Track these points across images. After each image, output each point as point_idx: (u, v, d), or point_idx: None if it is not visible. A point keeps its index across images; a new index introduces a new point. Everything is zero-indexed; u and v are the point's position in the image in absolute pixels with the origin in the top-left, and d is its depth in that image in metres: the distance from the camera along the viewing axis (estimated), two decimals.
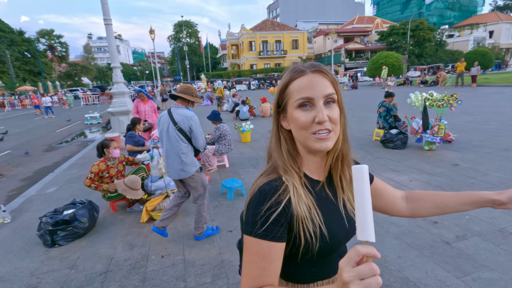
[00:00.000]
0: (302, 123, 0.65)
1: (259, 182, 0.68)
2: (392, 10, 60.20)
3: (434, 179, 3.85)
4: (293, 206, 0.64)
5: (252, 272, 0.64)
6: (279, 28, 46.16)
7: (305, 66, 0.67)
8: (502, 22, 46.09)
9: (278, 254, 0.64)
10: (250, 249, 0.65)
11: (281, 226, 0.64)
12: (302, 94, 0.64)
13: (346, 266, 0.47)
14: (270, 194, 0.64)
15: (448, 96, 4.84)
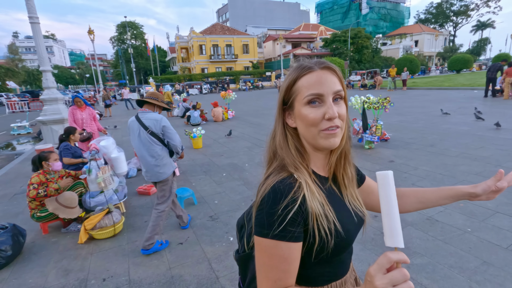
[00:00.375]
0: (311, 119, 0.64)
1: (270, 181, 0.65)
2: (334, 18, 64.83)
3: (373, 176, 4.17)
4: (308, 203, 0.62)
5: (273, 275, 0.62)
6: (229, 32, 46.39)
7: (313, 63, 0.66)
8: (424, 33, 52.76)
9: (297, 255, 0.63)
10: (268, 252, 0.61)
11: (298, 225, 0.61)
12: (311, 90, 0.64)
13: (378, 274, 0.47)
14: (286, 192, 0.62)
15: (382, 99, 5.34)
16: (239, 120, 10.58)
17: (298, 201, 0.61)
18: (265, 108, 13.99)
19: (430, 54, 53.18)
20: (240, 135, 7.78)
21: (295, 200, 0.61)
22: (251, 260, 0.80)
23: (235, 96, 11.65)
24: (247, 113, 12.48)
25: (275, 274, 0.62)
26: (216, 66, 45.24)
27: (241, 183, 4.25)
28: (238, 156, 5.76)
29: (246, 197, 3.74)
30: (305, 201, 0.62)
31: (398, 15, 63.69)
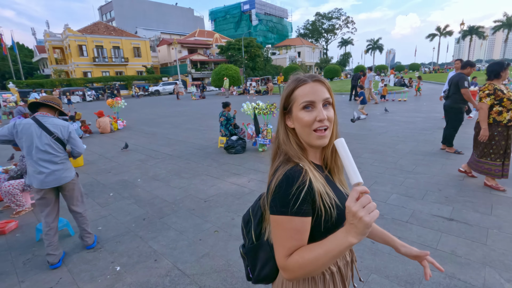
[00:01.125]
0: (306, 121, 0.81)
1: (281, 171, 0.80)
2: (228, 27, 67.51)
3: (266, 176, 4.46)
4: (313, 184, 0.77)
5: (288, 244, 0.76)
6: (116, 33, 42.01)
7: (307, 77, 0.84)
8: (304, 46, 61.07)
9: (307, 227, 0.78)
10: (284, 226, 0.76)
11: (308, 202, 0.76)
12: (305, 98, 0.81)
13: (351, 202, 0.65)
14: (297, 177, 0.77)
15: (269, 105, 5.83)
16: (132, 131, 9.64)
17: (307, 183, 0.76)
18: (162, 116, 13.25)
19: (310, 64, 61.82)
20: (133, 147, 7.08)
21: (304, 182, 0.76)
22: (260, 250, 0.97)
23: (125, 104, 10.57)
24: (141, 122, 11.51)
25: (290, 243, 0.76)
26: (102, 70, 40.15)
27: (131, 202, 3.84)
28: (129, 171, 5.21)
29: (137, 217, 3.40)
30: (311, 183, 0.77)
31: (283, 29, 71.60)
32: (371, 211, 0.63)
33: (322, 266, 0.72)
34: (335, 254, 0.69)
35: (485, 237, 2.59)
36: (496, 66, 3.47)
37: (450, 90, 5.10)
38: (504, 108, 3.37)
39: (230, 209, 3.46)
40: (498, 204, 3.18)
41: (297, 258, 0.74)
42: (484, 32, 62.41)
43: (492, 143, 3.49)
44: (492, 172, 3.53)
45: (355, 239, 0.65)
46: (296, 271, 0.74)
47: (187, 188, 4.22)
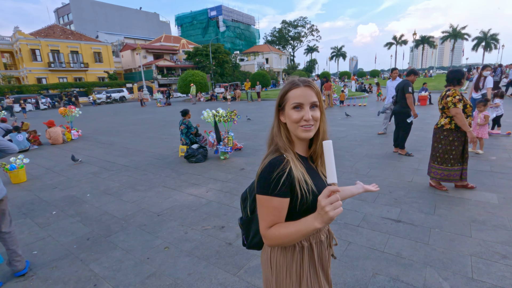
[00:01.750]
0: (295, 119, 0.95)
1: (268, 158, 0.97)
2: (195, 33, 66.79)
3: (226, 186, 4.41)
4: (293, 172, 0.93)
5: (268, 218, 0.94)
6: (74, 37, 39.74)
7: (300, 81, 0.98)
8: (272, 52, 62.23)
9: (285, 206, 0.94)
10: (266, 204, 0.93)
11: (286, 187, 0.92)
12: (296, 100, 0.95)
13: (322, 198, 0.81)
14: (278, 164, 0.93)
15: (230, 112, 5.77)
16: (87, 141, 9.04)
17: (286, 171, 0.92)
18: (122, 124, 12.62)
19: (278, 70, 63.07)
20: (86, 159, 6.61)
21: (284, 170, 0.92)
22: (252, 222, 1.19)
23: (79, 112, 9.91)
24: (99, 131, 10.86)
25: (269, 217, 0.94)
26: (59, 76, 37.65)
27: (76, 220, 3.53)
28: (78, 185, 4.82)
29: (81, 237, 3.12)
30: (291, 171, 0.93)
31: (250, 35, 72.44)
32: (336, 208, 0.79)
33: (293, 240, 0.91)
34: (303, 233, 0.88)
35: (428, 236, 2.72)
36: (457, 74, 3.52)
37: (398, 96, 5.41)
38: (465, 114, 3.45)
39: (184, 222, 3.31)
40: (441, 204, 3.38)
41: (274, 231, 0.92)
42: (434, 41, 68.15)
43: (452, 149, 3.55)
44: (451, 177, 3.60)
45: (319, 225, 0.83)
46: (272, 240, 0.93)
47: (141, 201, 3.99)
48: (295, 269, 1.05)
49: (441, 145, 3.63)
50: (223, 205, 3.72)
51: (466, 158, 3.60)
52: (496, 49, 62.95)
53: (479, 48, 63.40)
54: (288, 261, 1.05)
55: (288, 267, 1.05)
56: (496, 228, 2.79)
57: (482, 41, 62.39)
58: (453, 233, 2.75)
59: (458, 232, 2.76)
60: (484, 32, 62.04)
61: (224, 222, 3.24)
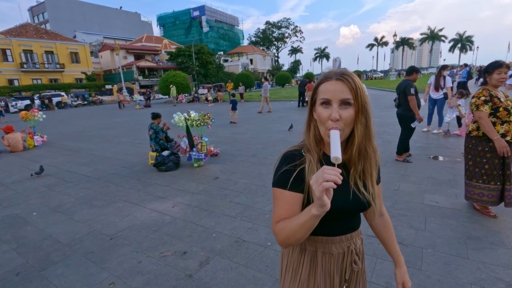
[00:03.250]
0: (322, 117, 0.84)
1: (286, 150, 0.93)
2: (178, 33, 65.57)
3: (195, 199, 3.92)
4: (305, 174, 0.87)
5: (278, 212, 0.88)
6: (49, 36, 37.94)
7: (333, 73, 0.85)
8: (256, 53, 61.98)
9: (297, 201, 0.87)
10: (277, 197, 0.89)
11: (297, 181, 0.87)
12: (323, 95, 0.84)
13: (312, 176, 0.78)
14: (290, 159, 0.90)
15: (202, 115, 5.29)
16: (52, 147, 8.28)
17: (297, 168, 0.88)
18: (95, 128, 11.84)
19: (262, 71, 62.90)
20: (45, 169, 5.93)
21: (295, 166, 0.88)
22: None
23: (43, 116, 9.11)
24: (67, 136, 10.07)
25: (279, 211, 0.88)
26: (32, 77, 35.82)
27: (11, 248, 2.95)
28: (26, 201, 4.20)
29: (9, 271, 2.55)
30: (303, 171, 0.87)
31: (234, 36, 71.90)
32: (319, 183, 0.67)
33: (297, 235, 0.81)
34: (305, 225, 0.77)
35: (420, 260, 2.35)
36: (488, 67, 2.86)
37: (400, 98, 4.89)
38: (498, 120, 2.77)
39: (140, 247, 2.80)
40: (432, 217, 3.04)
41: (281, 225, 0.85)
42: (413, 43, 70.08)
43: (484, 161, 2.86)
44: (485, 198, 2.89)
45: (316, 211, 0.72)
46: (279, 235, 0.85)
47: (94, 221, 3.44)
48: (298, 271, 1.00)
49: (471, 156, 2.98)
50: (189, 223, 3.24)
51: (508, 175, 2.80)
52: (471, 50, 65.47)
53: (455, 49, 65.69)
54: (294, 262, 1.01)
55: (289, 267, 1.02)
56: (494, 247, 2.46)
57: (458, 43, 64.71)
58: (448, 254, 2.39)
59: (454, 252, 2.41)
60: (460, 34, 64.37)
61: (187, 247, 2.76)
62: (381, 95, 20.04)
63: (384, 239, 1.15)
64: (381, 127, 8.15)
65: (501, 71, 2.75)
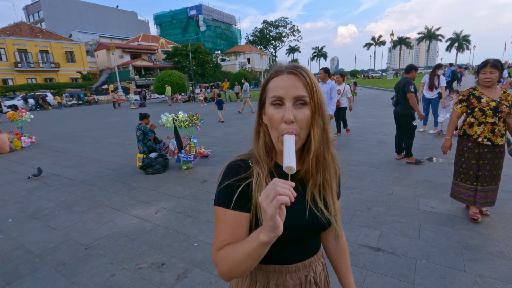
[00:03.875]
0: (273, 120, 0.69)
1: (231, 160, 0.78)
2: (175, 32, 65.20)
3: (180, 204, 3.74)
4: (252, 192, 0.71)
5: (219, 236, 0.72)
6: (44, 35, 37.52)
7: (284, 67, 0.71)
8: (254, 53, 61.72)
9: (242, 222, 0.71)
10: (219, 217, 0.73)
11: (242, 198, 0.71)
12: (275, 92, 0.70)
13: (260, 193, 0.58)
14: (235, 171, 0.73)
15: (191, 116, 5.10)
16: (40, 148, 8.06)
17: (243, 183, 0.72)
18: (87, 129, 11.62)
19: (260, 70, 62.63)
20: (29, 171, 5.73)
21: (241, 180, 0.72)
22: None
23: (31, 117, 8.88)
24: (56, 137, 9.85)
25: (221, 236, 0.71)
26: (27, 77, 35.47)
27: None
28: (3, 207, 4.00)
29: None
30: (250, 186, 0.71)
31: (232, 35, 71.61)
32: (270, 198, 0.53)
33: (242, 266, 0.65)
34: (252, 255, 0.62)
35: (413, 272, 2.19)
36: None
37: (399, 96, 4.74)
38: (476, 120, 2.73)
39: (115, 258, 2.62)
40: (426, 223, 2.88)
41: (222, 253, 0.69)
42: (410, 42, 70.14)
43: (462, 160, 2.87)
44: (462, 196, 2.91)
45: (265, 236, 0.57)
46: (220, 267, 0.69)
47: (71, 228, 3.25)
48: None
49: (455, 155, 3.01)
50: (171, 231, 3.06)
51: (479, 176, 2.78)
52: (468, 49, 65.61)
53: (452, 48, 65.79)
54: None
55: None
56: (492, 257, 2.30)
57: (455, 42, 64.80)
58: (443, 266, 2.23)
59: (449, 264, 2.25)
60: (456, 33, 64.45)
61: (166, 258, 2.58)
62: (378, 94, 19.93)
63: (337, 265, 0.97)
64: (377, 127, 8.00)
65: (485, 71, 2.68)
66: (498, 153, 2.73)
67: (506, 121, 2.68)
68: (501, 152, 2.74)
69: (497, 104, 2.64)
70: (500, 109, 2.63)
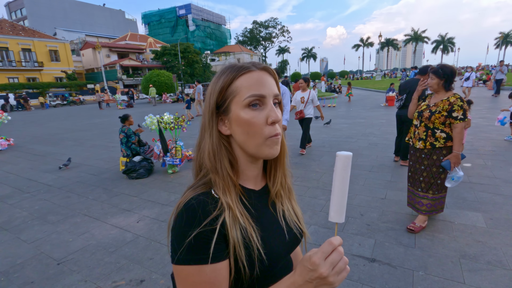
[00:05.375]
0: (253, 124, 0.58)
1: (187, 198, 0.57)
2: (163, 32, 64.24)
3: (164, 212, 3.52)
4: (228, 228, 0.56)
5: None
6: (26, 33, 36.29)
7: (250, 64, 0.62)
8: (243, 53, 61.47)
9: (224, 274, 0.56)
10: (192, 280, 0.53)
11: (218, 244, 0.55)
12: (253, 91, 0.58)
13: (321, 260, 0.48)
14: (201, 211, 0.55)
15: (176, 118, 4.88)
16: (17, 151, 7.65)
17: (217, 224, 0.55)
18: (69, 130, 11.17)
19: None
20: (2, 176, 5.38)
21: (213, 221, 0.55)
22: None
23: (8, 118, 8.43)
24: (37, 139, 9.40)
25: None
26: (8, 76, 34.19)
27: None
28: None
29: None
30: (225, 225, 0.56)
31: (221, 35, 71.15)
32: (340, 271, 0.49)
33: None
34: None
35: (411, 285, 2.06)
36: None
37: (408, 99, 4.44)
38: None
39: (90, 275, 2.39)
40: (422, 231, 2.77)
41: None
42: (397, 44, 71.43)
43: (410, 164, 2.91)
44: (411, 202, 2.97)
45: None
46: None
47: (44, 241, 3.00)
48: None
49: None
50: (153, 242, 2.85)
51: (415, 180, 2.83)
52: (453, 51, 67.29)
53: (438, 50, 67.35)
54: None
55: None
56: (491, 267, 2.19)
57: (440, 44, 66.38)
58: (441, 278, 2.11)
59: (448, 275, 2.13)
60: (442, 36, 66.01)
61: (146, 273, 2.37)
62: (367, 95, 20.09)
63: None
64: (367, 128, 7.95)
65: (427, 77, 2.72)
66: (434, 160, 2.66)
67: (427, 126, 2.66)
68: (434, 160, 2.66)
69: (425, 108, 2.68)
70: (423, 113, 2.67)
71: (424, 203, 2.76)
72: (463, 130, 2.52)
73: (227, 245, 0.57)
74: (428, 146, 2.65)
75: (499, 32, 62.60)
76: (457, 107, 2.50)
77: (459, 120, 2.48)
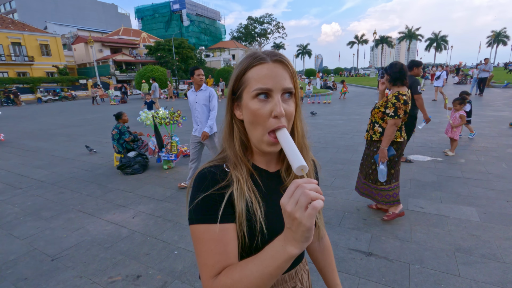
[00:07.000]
0: (259, 114, 0.60)
1: (201, 168, 0.66)
2: (157, 26, 63.41)
3: (160, 207, 3.49)
4: (235, 200, 0.62)
5: (210, 260, 0.58)
6: (16, 27, 35.47)
7: (266, 54, 0.62)
8: (238, 49, 61.15)
9: (231, 235, 0.60)
10: (202, 238, 0.59)
11: (227, 207, 0.61)
12: (260, 84, 0.60)
13: (286, 199, 0.47)
14: (210, 179, 0.62)
15: (172, 113, 4.83)
16: (8, 147, 7.49)
17: (226, 192, 0.61)
18: (62, 126, 10.99)
19: None
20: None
21: (221, 189, 0.61)
22: None
23: None
24: (28, 135, 9.22)
25: (212, 258, 0.58)
26: None
27: None
28: None
29: None
30: (232, 196, 0.62)
31: (216, 31, 70.56)
32: (304, 204, 0.45)
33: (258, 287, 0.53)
34: (272, 271, 0.51)
35: (407, 278, 2.08)
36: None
37: None
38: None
39: (85, 270, 2.36)
40: (417, 225, 2.80)
41: (225, 280, 0.55)
42: (392, 41, 71.75)
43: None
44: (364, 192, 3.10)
45: (297, 248, 0.49)
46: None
47: (37, 237, 2.95)
48: None
49: None
50: (149, 238, 2.82)
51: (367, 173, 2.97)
52: (446, 49, 67.93)
53: (431, 48, 67.92)
54: None
55: None
56: (485, 260, 2.23)
57: (433, 42, 66.89)
58: (437, 271, 2.14)
59: (443, 269, 2.16)
60: (435, 33, 66.55)
61: (142, 268, 2.35)
62: (362, 92, 20.19)
63: (323, 267, 0.89)
64: (362, 124, 7.99)
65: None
66: (371, 151, 2.86)
67: (371, 119, 2.84)
68: (371, 151, 2.85)
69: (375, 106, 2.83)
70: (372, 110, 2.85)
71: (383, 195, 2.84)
72: (393, 127, 2.59)
73: (234, 212, 0.62)
74: (368, 138, 2.86)
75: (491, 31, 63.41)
76: (390, 104, 2.60)
77: (390, 117, 2.59)
